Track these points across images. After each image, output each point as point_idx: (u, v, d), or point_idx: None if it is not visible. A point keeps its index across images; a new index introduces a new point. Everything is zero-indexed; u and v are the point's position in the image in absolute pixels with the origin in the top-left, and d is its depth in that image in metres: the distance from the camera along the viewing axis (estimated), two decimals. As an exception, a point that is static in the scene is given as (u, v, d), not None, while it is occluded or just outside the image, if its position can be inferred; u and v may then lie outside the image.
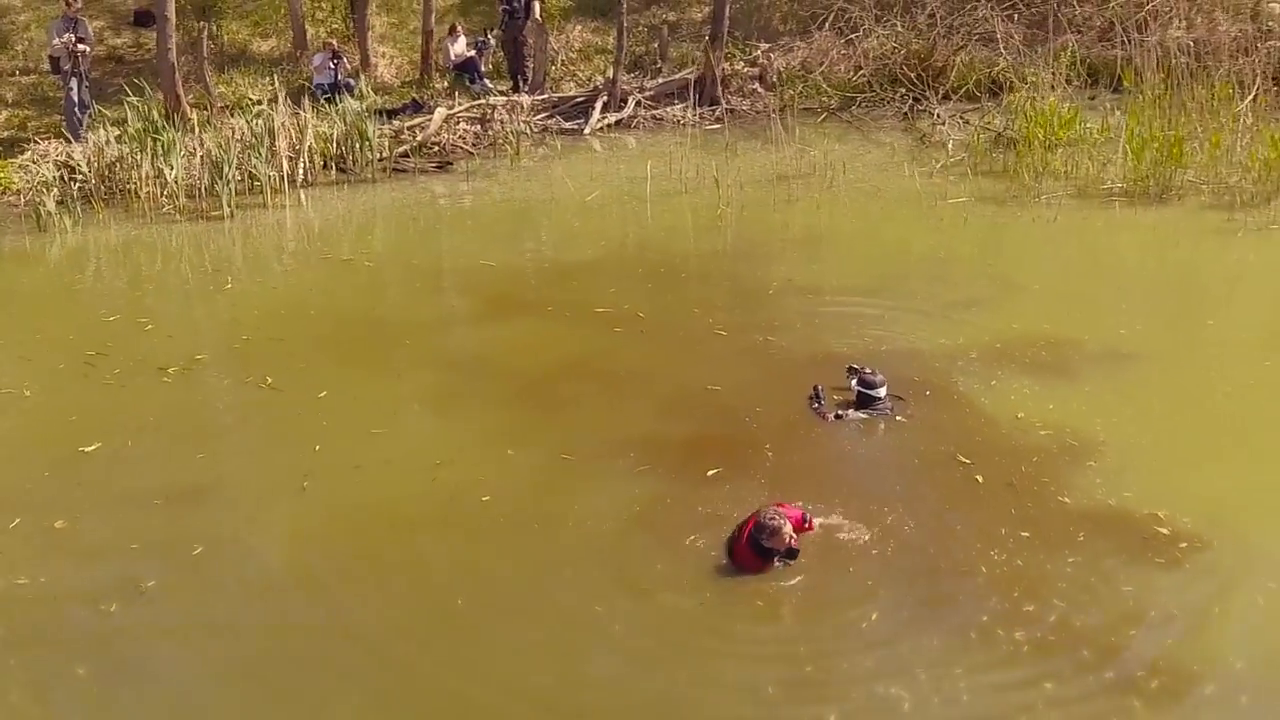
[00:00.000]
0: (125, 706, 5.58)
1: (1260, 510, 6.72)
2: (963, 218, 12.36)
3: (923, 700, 5.35)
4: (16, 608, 6.25)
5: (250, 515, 6.97)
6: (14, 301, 11.02)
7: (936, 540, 6.44)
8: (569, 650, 5.78)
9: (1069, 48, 15.57)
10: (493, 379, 8.65)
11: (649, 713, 5.41)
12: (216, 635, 6.03)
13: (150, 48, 17.04)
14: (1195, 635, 5.72)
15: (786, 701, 5.43)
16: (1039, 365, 8.66)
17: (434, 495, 7.12)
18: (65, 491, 7.33)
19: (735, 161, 13.99)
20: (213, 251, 11.94)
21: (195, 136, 13.26)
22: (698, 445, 7.54)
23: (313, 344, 9.51)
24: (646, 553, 6.49)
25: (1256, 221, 11.83)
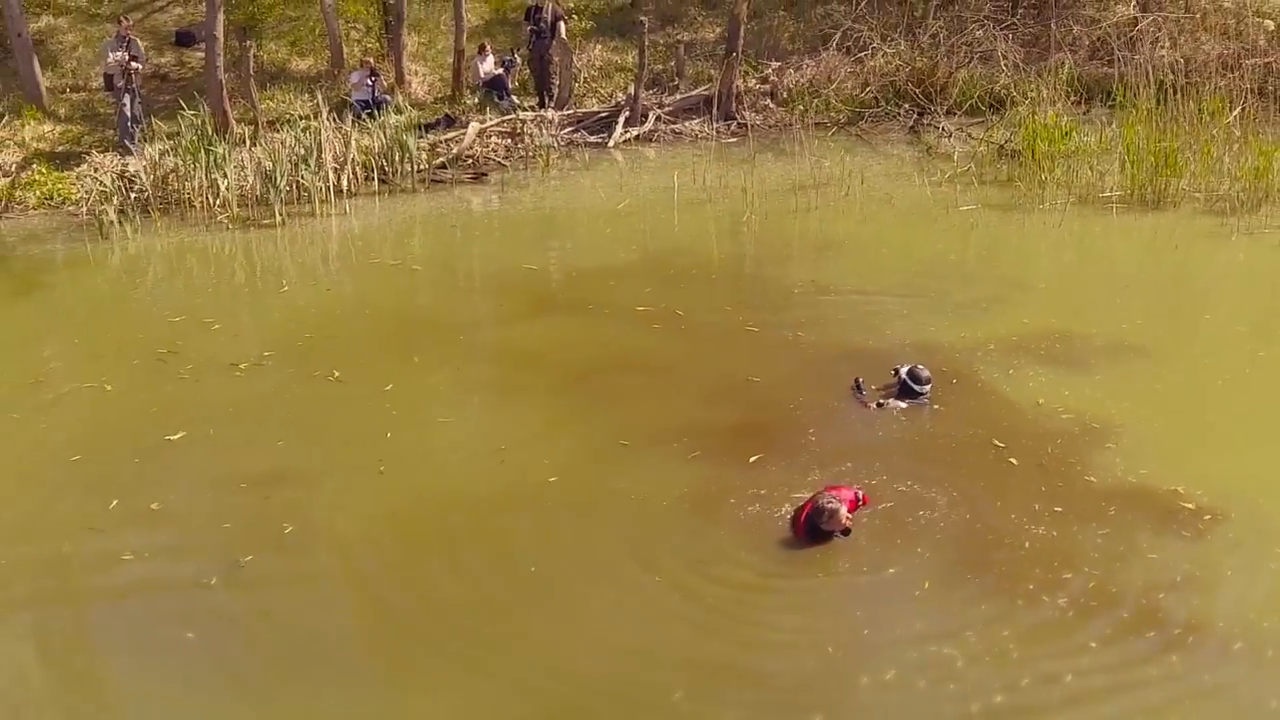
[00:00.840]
0: (235, 664, 5.81)
1: (1271, 484, 7.00)
2: (972, 223, 12.62)
3: (975, 658, 5.60)
4: (126, 580, 6.52)
5: (334, 497, 7.20)
6: (83, 304, 11.23)
7: (979, 516, 6.71)
8: (638, 616, 6.02)
9: (1065, 65, 15.84)
10: (546, 371, 8.87)
11: (716, 671, 5.64)
12: (312, 605, 6.26)
13: (191, 66, 17.29)
14: (1221, 597, 5.99)
15: (846, 660, 5.68)
16: (1052, 357, 8.92)
17: (503, 477, 7.36)
18: (157, 476, 7.55)
19: (754, 173, 14.21)
20: (266, 257, 12.16)
21: (245, 149, 13.47)
22: (745, 431, 7.79)
23: (372, 341, 9.73)
24: (704, 528, 6.75)
25: (1247, 226, 12.11)
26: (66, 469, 7.68)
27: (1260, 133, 13.70)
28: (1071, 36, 17.30)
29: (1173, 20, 17.00)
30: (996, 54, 16.16)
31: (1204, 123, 13.87)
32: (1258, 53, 16.00)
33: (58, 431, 8.28)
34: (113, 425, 8.30)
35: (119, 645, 5.98)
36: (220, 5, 14.29)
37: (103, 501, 7.23)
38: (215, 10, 14.19)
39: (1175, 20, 17.09)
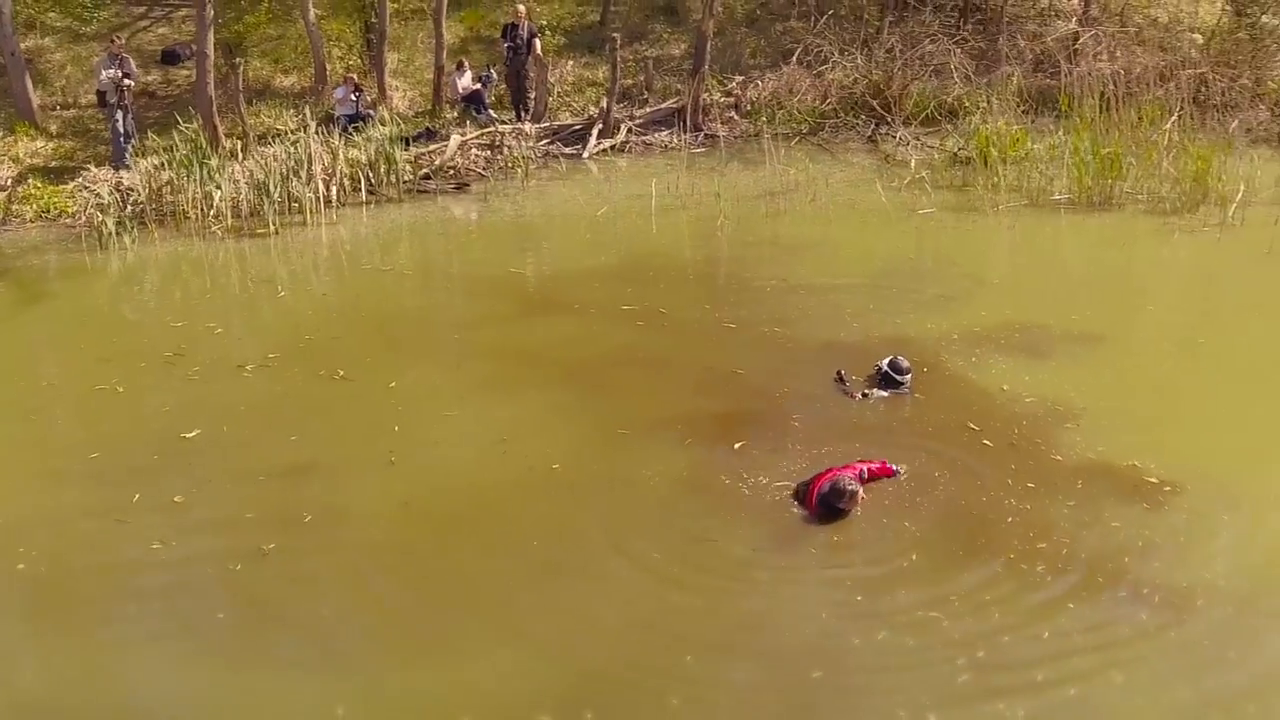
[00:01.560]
0: (267, 641, 5.97)
1: (1221, 456, 7.34)
2: (931, 226, 12.93)
3: (959, 620, 5.85)
4: (156, 567, 6.61)
5: (349, 487, 7.34)
6: (86, 312, 11.25)
7: (961, 493, 6.98)
8: (647, 588, 6.23)
9: (1013, 77, 16.22)
10: (542, 367, 9.04)
11: (721, 635, 5.86)
12: (337, 587, 6.40)
13: (178, 84, 17.30)
14: (1183, 560, 6.30)
15: (840, 625, 5.90)
16: (1013, 346, 9.23)
17: (509, 465, 7.53)
18: (176, 471, 7.65)
19: (724, 180, 14.45)
20: (261, 265, 12.23)
21: (237, 162, 13.52)
22: (735, 419, 8.02)
23: (372, 342, 9.85)
24: (702, 509, 6.95)
25: (1186, 225, 12.51)
26: (87, 466, 7.76)
27: (1196, 138, 14.14)
28: (1018, 50, 17.68)
29: (1111, 35, 17.44)
30: (948, 67, 16.50)
31: (1144, 129, 14.29)
32: (1190, 64, 16.46)
33: (75, 431, 8.38)
34: (128, 424, 8.38)
35: (153, 627, 6.07)
36: (210, 24, 14.34)
37: (126, 495, 7.33)
38: (205, 29, 14.25)
39: (1113, 35, 17.54)
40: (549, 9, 19.13)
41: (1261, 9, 17.28)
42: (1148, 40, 17.83)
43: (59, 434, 8.33)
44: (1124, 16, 18.60)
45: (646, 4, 19.81)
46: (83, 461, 7.81)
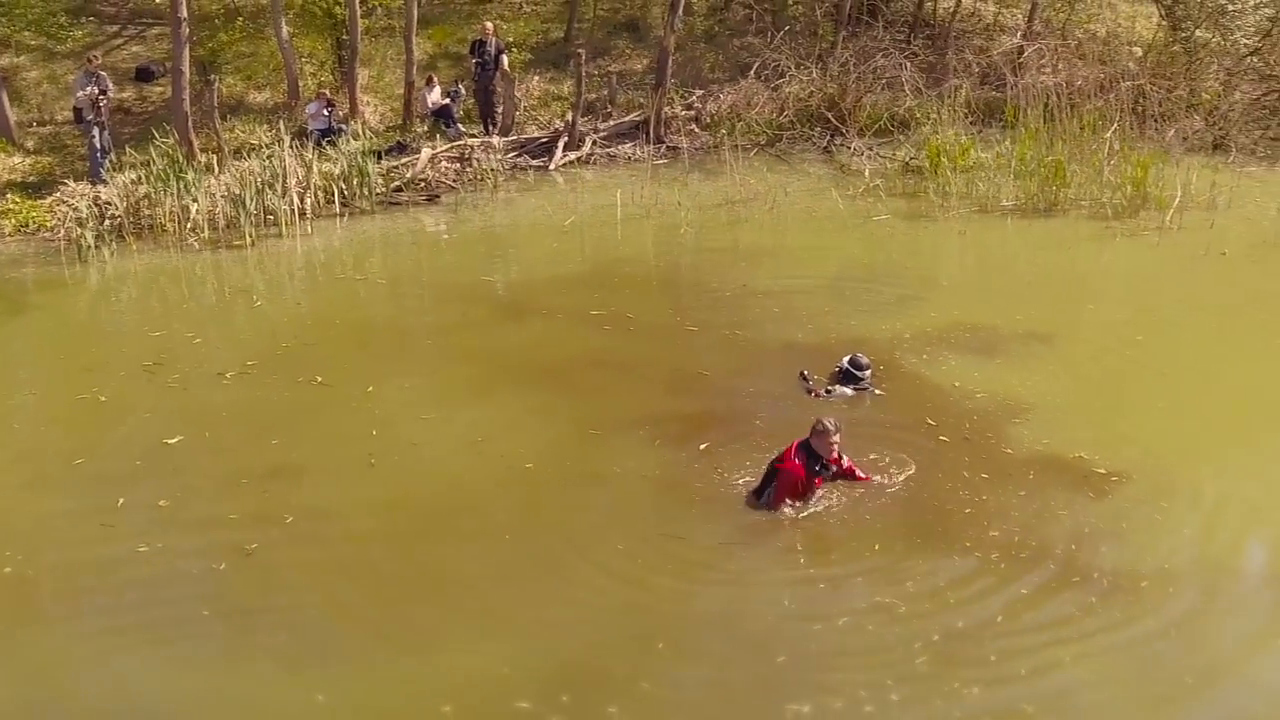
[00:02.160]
0: (251, 635, 6.01)
1: (1162, 447, 7.58)
2: (884, 232, 13.09)
3: (915, 605, 6.01)
4: (144, 567, 6.62)
5: (330, 488, 7.38)
6: (67, 323, 11.15)
7: (919, 485, 7.13)
8: (618, 583, 6.32)
9: (961, 89, 16.43)
10: (516, 370, 9.10)
11: (690, 623, 5.99)
12: (320, 584, 6.44)
13: (152, 100, 17.18)
14: (1128, 545, 6.50)
15: (803, 610, 6.03)
16: (964, 345, 9.41)
17: (485, 465, 7.61)
18: (160, 476, 7.65)
19: (686, 190, 14.54)
20: (238, 276, 12.17)
21: (213, 176, 13.47)
22: (701, 419, 8.13)
23: (349, 348, 9.86)
24: (671, 505, 7.05)
25: (1127, 229, 12.76)
26: (72, 473, 7.74)
27: (1135, 147, 14.41)
28: (965, 64, 17.90)
29: (1053, 48, 17.70)
30: (900, 80, 16.67)
31: (1086, 138, 14.55)
32: (1129, 76, 16.74)
33: (59, 439, 8.32)
34: (111, 432, 8.35)
35: (139, 626, 6.09)
36: (186, 42, 14.27)
37: (110, 500, 7.32)
38: (181, 47, 14.18)
39: (1055, 48, 17.79)
40: (515, 26, 19.18)
41: (1195, 24, 17.61)
42: (1088, 54, 18.07)
43: (42, 442, 8.27)
44: (1065, 31, 18.88)
45: (609, 21, 19.91)
46: (67, 468, 7.79)
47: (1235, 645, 5.71)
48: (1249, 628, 5.86)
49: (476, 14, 19.39)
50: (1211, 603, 6.00)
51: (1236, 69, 17.26)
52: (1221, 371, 9.03)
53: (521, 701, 5.35)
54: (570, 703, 5.33)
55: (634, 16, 20.00)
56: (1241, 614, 5.97)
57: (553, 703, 5.32)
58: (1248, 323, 10.00)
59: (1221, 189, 13.32)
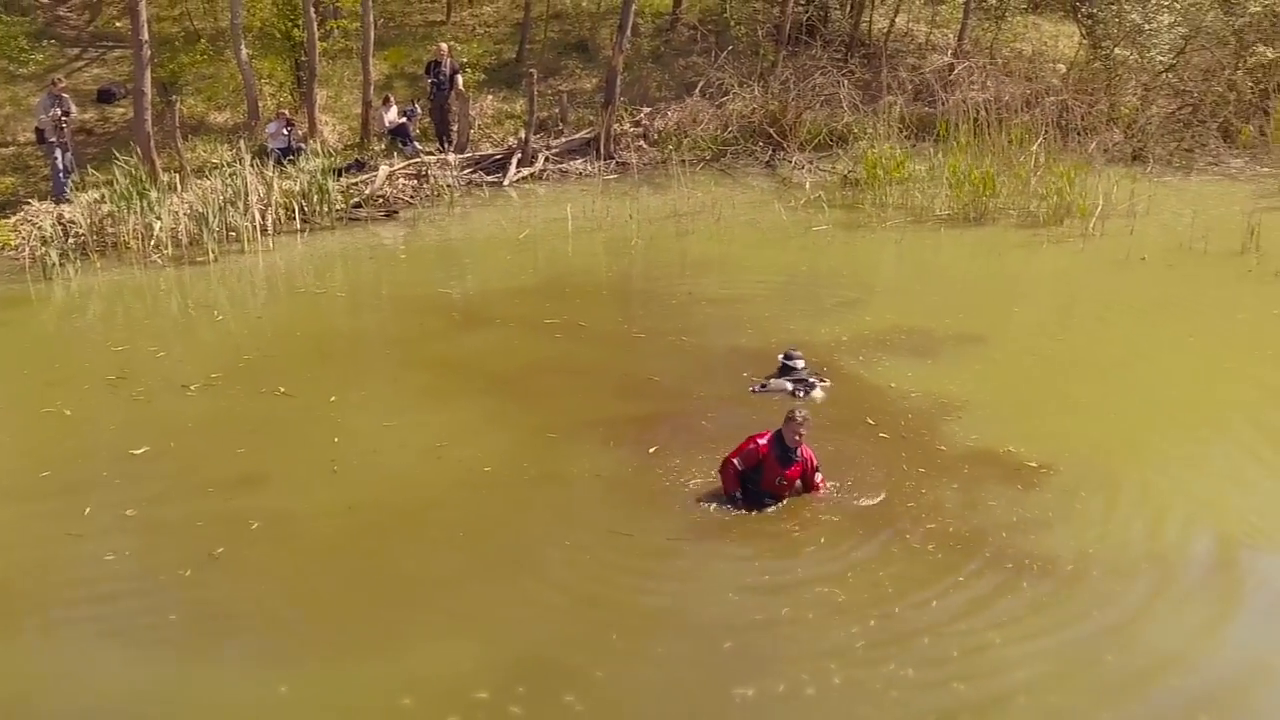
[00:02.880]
0: (218, 637, 5.97)
1: (1086, 440, 7.78)
2: (824, 241, 13.29)
3: (855, 595, 6.13)
4: (111, 576, 6.55)
5: (294, 494, 7.35)
6: (31, 339, 10.95)
7: (860, 480, 7.27)
8: (574, 579, 6.37)
9: (895, 105, 16.69)
10: (474, 378, 9.13)
11: (642, 617, 6.05)
12: (285, 586, 6.42)
13: (114, 121, 16.98)
14: (1054, 532, 6.67)
15: (748, 602, 6.12)
16: (901, 347, 9.61)
17: (445, 469, 7.62)
18: (127, 486, 7.58)
19: (635, 204, 14.65)
20: (201, 291, 12.05)
21: (177, 194, 13.35)
22: (652, 420, 8.21)
23: (311, 360, 9.82)
24: (624, 504, 7.12)
25: (1053, 236, 13.06)
26: (39, 485, 7.63)
27: (1059, 158, 14.74)
28: (899, 81, 18.18)
29: (982, 66, 18.03)
30: (838, 97, 16.90)
31: (1013, 151, 14.85)
32: (1053, 92, 17.11)
33: (25, 453, 8.17)
34: (77, 444, 8.25)
35: (105, 630, 6.04)
36: (147, 64, 14.14)
37: (77, 510, 7.23)
38: (143, 68, 14.04)
39: (984, 66, 18.13)
40: (469, 47, 19.19)
41: (1114, 42, 18.03)
42: (1015, 71, 18.46)
43: (8, 455, 8.13)
44: (993, 50, 19.25)
45: (560, 42, 19.98)
46: (33, 480, 7.68)
47: (1152, 623, 5.90)
48: (1165, 607, 6.05)
49: (432, 36, 19.37)
50: (1131, 585, 6.18)
51: (1153, 85, 17.71)
52: (1140, 369, 9.29)
53: (480, 693, 5.38)
54: (527, 692, 5.37)
55: (583, 38, 20.08)
56: (1159, 595, 6.14)
57: (510, 693, 5.36)
58: (1165, 323, 10.29)
59: (1140, 198, 13.66)
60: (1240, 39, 17.56)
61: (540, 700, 5.35)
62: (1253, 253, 11.83)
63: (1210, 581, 6.33)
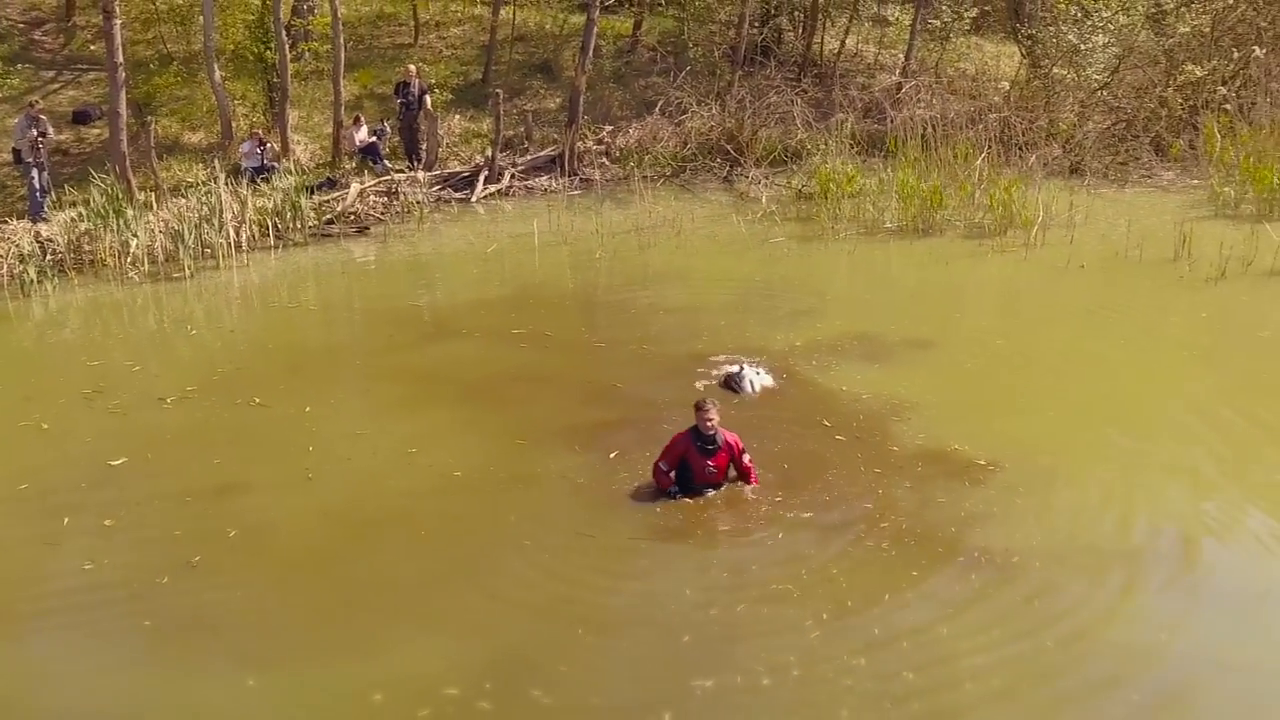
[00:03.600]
0: (192, 645, 5.92)
1: (1030, 439, 7.91)
2: (780, 253, 13.37)
3: (808, 591, 6.19)
4: (88, 586, 6.50)
5: (270, 503, 7.33)
6: (9, 355, 10.80)
7: (816, 480, 7.34)
8: (541, 579, 6.40)
9: (847, 123, 16.85)
10: (444, 386, 9.13)
11: (607, 615, 6.11)
12: (260, 592, 6.41)
13: (89, 142, 16.79)
14: (1001, 526, 6.78)
15: (707, 599, 6.16)
16: (854, 352, 9.70)
17: (416, 474, 7.63)
18: (105, 496, 7.51)
19: (599, 219, 14.67)
20: (176, 306, 11.94)
21: (152, 212, 13.23)
22: (616, 426, 8.23)
23: (284, 371, 9.76)
24: (589, 506, 7.15)
25: (997, 246, 13.22)
26: (17, 498, 7.54)
27: (1002, 172, 14.94)
28: (850, 99, 18.35)
29: (928, 85, 18.25)
30: (792, 115, 17.04)
31: (959, 165, 15.04)
32: (995, 109, 17.35)
33: (2, 466, 8.06)
34: (55, 456, 8.16)
35: (82, 638, 6.01)
36: (122, 85, 14.01)
37: (56, 521, 7.17)
38: (118, 90, 13.91)
39: (930, 85, 18.35)
40: (436, 69, 19.16)
41: (1053, 62, 18.31)
42: (959, 90, 18.70)
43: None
44: (938, 70, 19.48)
45: (524, 64, 19.99)
46: (11, 492, 7.59)
47: (1091, 610, 6.01)
48: (1103, 595, 6.16)
49: (400, 58, 19.32)
50: (1071, 575, 6.29)
51: (1089, 102, 17.98)
52: (1080, 370, 9.44)
53: (451, 689, 5.40)
54: (495, 688, 5.39)
55: (547, 59, 20.12)
56: (1097, 584, 6.26)
57: (479, 689, 5.39)
58: (1102, 327, 10.46)
59: (1078, 209, 13.86)
60: (1170, 58, 17.89)
61: (509, 695, 5.37)
62: (1184, 260, 12.04)
63: (1147, 570, 6.47)
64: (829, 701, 5.26)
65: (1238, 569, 6.48)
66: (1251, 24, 17.79)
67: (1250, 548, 6.68)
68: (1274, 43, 17.45)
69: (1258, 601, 6.11)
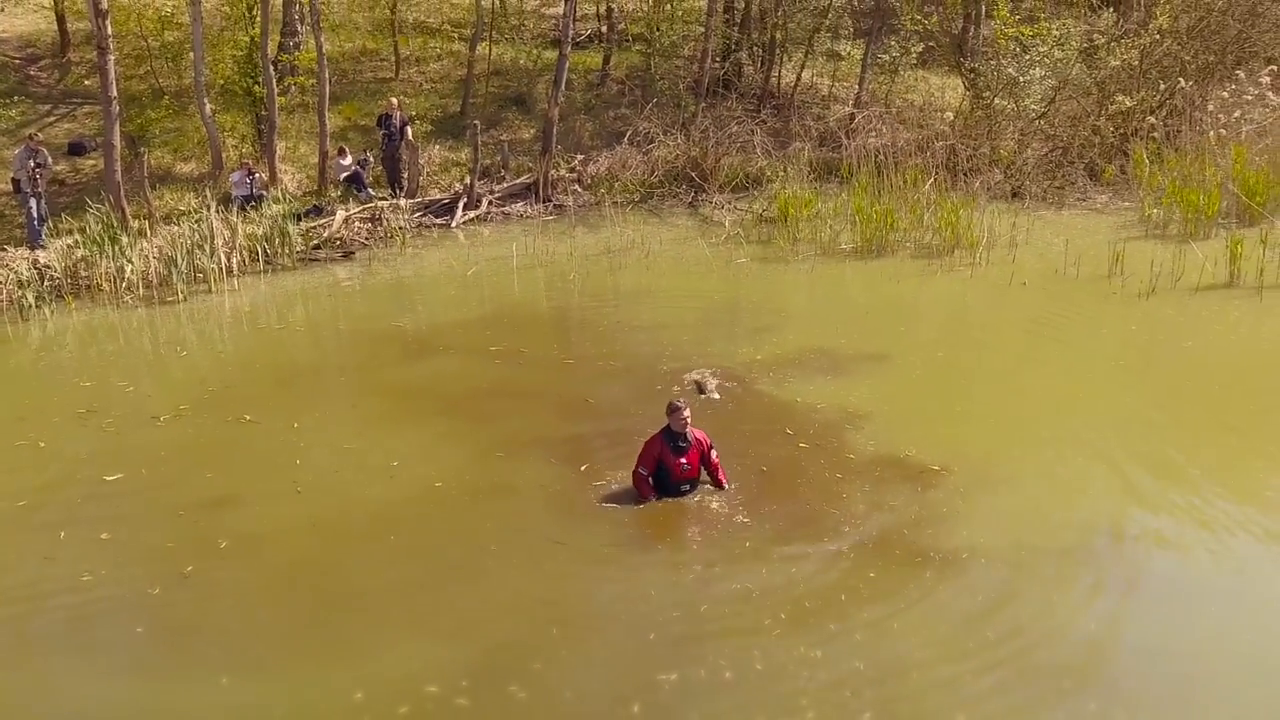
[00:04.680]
0: (184, 652, 5.92)
1: (978, 445, 8.04)
2: (744, 273, 13.47)
3: (769, 589, 6.26)
4: (84, 596, 6.47)
5: (260, 515, 7.31)
6: (5, 376, 10.70)
7: (782, 485, 7.44)
8: (520, 580, 6.45)
9: (804, 151, 17.02)
10: (425, 401, 9.13)
11: (580, 617, 6.15)
12: (251, 601, 6.39)
13: (84, 172, 16.67)
14: (952, 527, 6.87)
15: (673, 600, 6.21)
16: (813, 366, 9.79)
17: (399, 486, 7.64)
18: (101, 511, 7.47)
19: (572, 242, 14.72)
20: (169, 329, 11.84)
21: (147, 239, 13.15)
22: (589, 438, 8.29)
23: (272, 389, 9.74)
24: (560, 516, 7.19)
25: (945, 265, 13.38)
26: (15, 513, 7.48)
27: (949, 196, 15.13)
28: (806, 129, 18.55)
29: (879, 115, 18.48)
30: (752, 143, 17.20)
31: (908, 190, 15.22)
32: (941, 137, 17.58)
33: (1, 484, 8.02)
34: (52, 473, 8.09)
35: (80, 646, 5.98)
36: (116, 118, 13.95)
37: (53, 535, 7.12)
38: (113, 122, 13.85)
39: (880, 115, 18.58)
40: (416, 101, 19.19)
41: (994, 93, 18.59)
42: (908, 119, 18.94)
43: (-15, 488, 7.97)
44: (888, 101, 19.72)
45: (499, 96, 20.05)
46: (10, 508, 7.53)
47: (1031, 604, 6.12)
48: (1043, 589, 6.27)
49: (382, 91, 19.33)
50: (1020, 574, 6.39)
51: (1028, 130, 18.24)
52: (1022, 380, 9.62)
53: (430, 686, 5.42)
54: (472, 685, 5.43)
55: (521, 92, 20.19)
56: (1037, 578, 6.38)
57: (456, 686, 5.41)
58: (1044, 339, 10.63)
59: (1020, 230, 14.04)
60: (1102, 89, 18.22)
61: (486, 691, 5.40)
62: (1118, 277, 12.26)
63: (1082, 566, 6.59)
64: (788, 690, 5.32)
65: (1166, 562, 6.65)
66: (1176, 58, 18.15)
67: (1177, 542, 6.84)
68: (1197, 75, 17.80)
69: (1184, 592, 6.25)
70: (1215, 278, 12.15)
